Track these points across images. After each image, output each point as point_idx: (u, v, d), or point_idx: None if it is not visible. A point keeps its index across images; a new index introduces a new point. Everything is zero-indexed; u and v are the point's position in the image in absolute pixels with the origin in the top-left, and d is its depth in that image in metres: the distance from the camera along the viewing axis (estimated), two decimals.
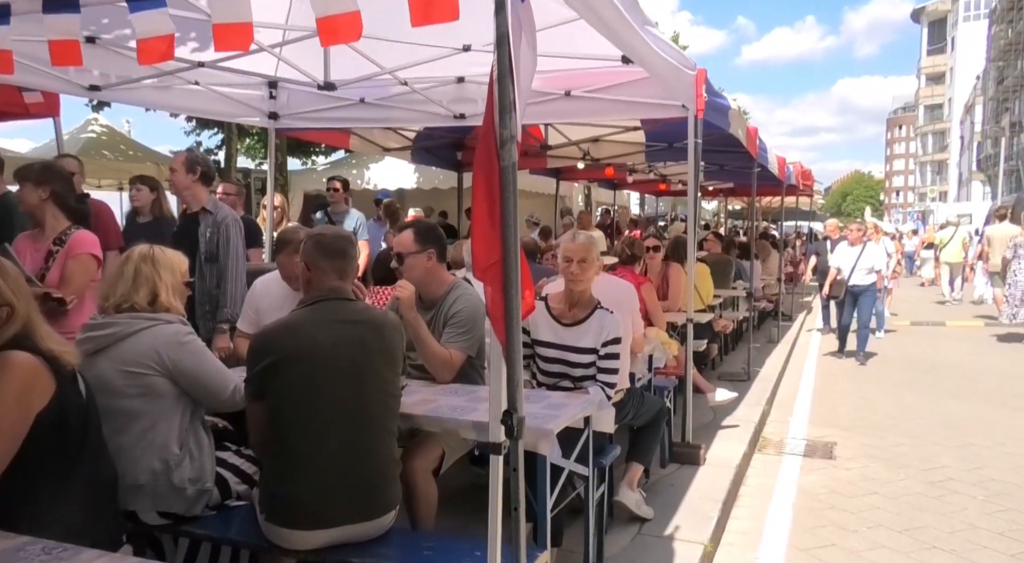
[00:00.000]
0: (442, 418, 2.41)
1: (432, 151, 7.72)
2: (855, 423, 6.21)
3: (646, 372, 4.33)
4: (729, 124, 5.37)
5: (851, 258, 8.74)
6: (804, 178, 12.46)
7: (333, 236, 2.49)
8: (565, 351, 3.12)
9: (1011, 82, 41.83)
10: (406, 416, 2.44)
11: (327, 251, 2.40)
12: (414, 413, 2.46)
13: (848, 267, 8.71)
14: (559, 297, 3.18)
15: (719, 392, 5.41)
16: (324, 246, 2.42)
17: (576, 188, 17.31)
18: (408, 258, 3.01)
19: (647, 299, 5.09)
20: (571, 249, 3.12)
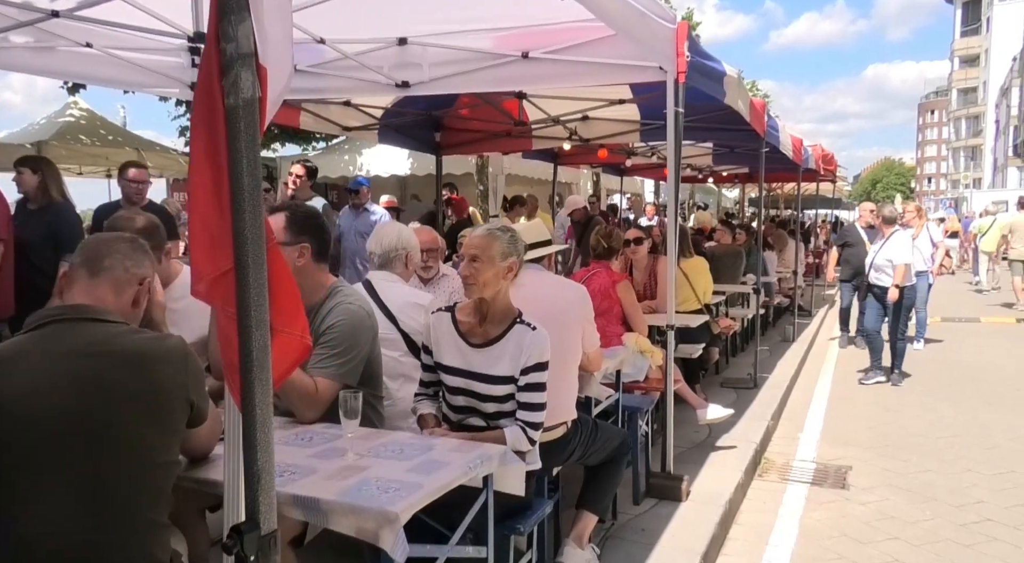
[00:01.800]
0: None
1: (403, 131, 6.95)
2: (875, 441, 5.39)
3: (606, 394, 3.55)
4: (724, 93, 4.55)
5: (873, 251, 7.24)
6: (825, 162, 11.50)
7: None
8: (472, 380, 2.38)
9: None
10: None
11: (84, 247, 1.68)
12: None
13: (868, 262, 7.22)
14: (469, 309, 2.43)
15: (712, 409, 4.62)
16: (87, 241, 1.71)
17: (584, 175, 16.48)
18: None
19: (624, 300, 4.33)
20: (464, 243, 2.37)
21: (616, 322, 4.36)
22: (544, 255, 2.91)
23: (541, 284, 2.85)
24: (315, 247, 2.35)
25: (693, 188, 23.74)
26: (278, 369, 1.12)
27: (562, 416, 2.71)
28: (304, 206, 2.48)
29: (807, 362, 8.30)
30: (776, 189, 20.80)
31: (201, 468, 1.76)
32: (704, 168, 11.73)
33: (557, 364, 2.71)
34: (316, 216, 2.45)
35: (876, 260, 7.03)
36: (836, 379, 7.47)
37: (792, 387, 6.87)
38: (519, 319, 2.40)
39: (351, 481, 1.68)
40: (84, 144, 11.50)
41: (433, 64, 4.19)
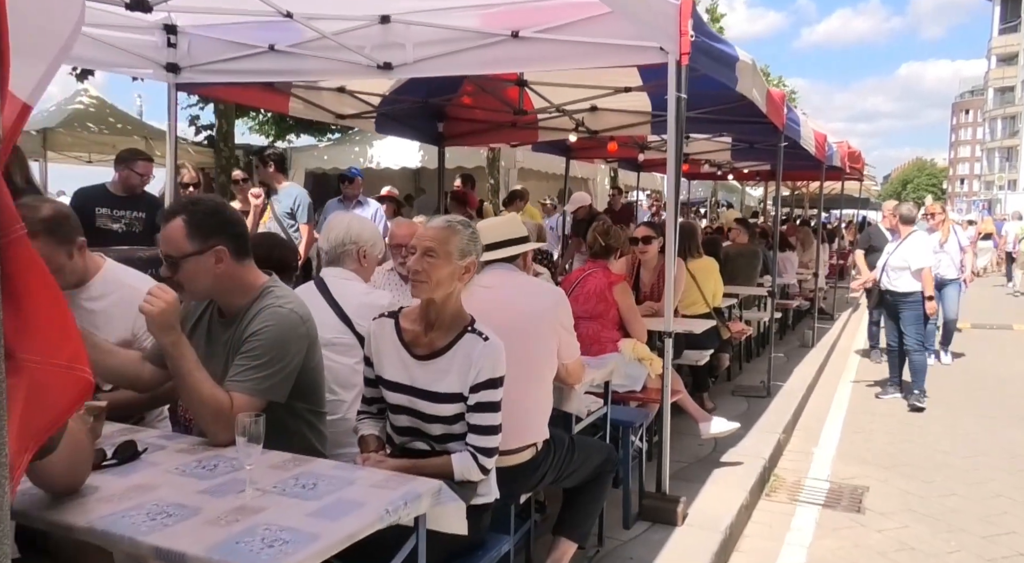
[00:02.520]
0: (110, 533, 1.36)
1: (403, 120, 6.65)
2: (896, 459, 4.99)
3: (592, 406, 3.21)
4: (736, 80, 4.18)
5: (887, 253, 6.45)
6: (852, 160, 11.01)
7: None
8: (416, 397, 2.06)
9: None
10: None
11: None
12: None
13: (880, 265, 6.43)
14: (414, 314, 2.11)
15: (716, 422, 4.27)
16: None
17: (602, 171, 16.08)
18: (184, 264, 1.95)
19: (621, 303, 3.99)
20: (416, 233, 2.05)
21: (612, 327, 4.03)
22: (517, 254, 2.59)
23: (511, 286, 2.52)
24: (232, 245, 1.99)
25: (716, 186, 23.19)
26: (37, 415, 0.82)
27: (530, 437, 2.39)
28: (205, 200, 2.08)
29: (826, 369, 7.88)
30: (801, 187, 20.23)
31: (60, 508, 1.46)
32: (724, 164, 11.30)
33: (526, 377, 2.40)
34: (221, 209, 2.06)
35: (891, 261, 6.27)
36: (856, 389, 7.06)
37: (808, 397, 6.47)
38: (470, 327, 2.07)
39: (235, 529, 1.37)
40: (92, 132, 11.35)
41: (418, 44, 3.88)
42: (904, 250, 6.19)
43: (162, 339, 1.84)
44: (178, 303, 1.86)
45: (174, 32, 4.33)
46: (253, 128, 18.64)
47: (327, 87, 5.67)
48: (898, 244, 6.30)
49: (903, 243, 6.26)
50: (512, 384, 2.32)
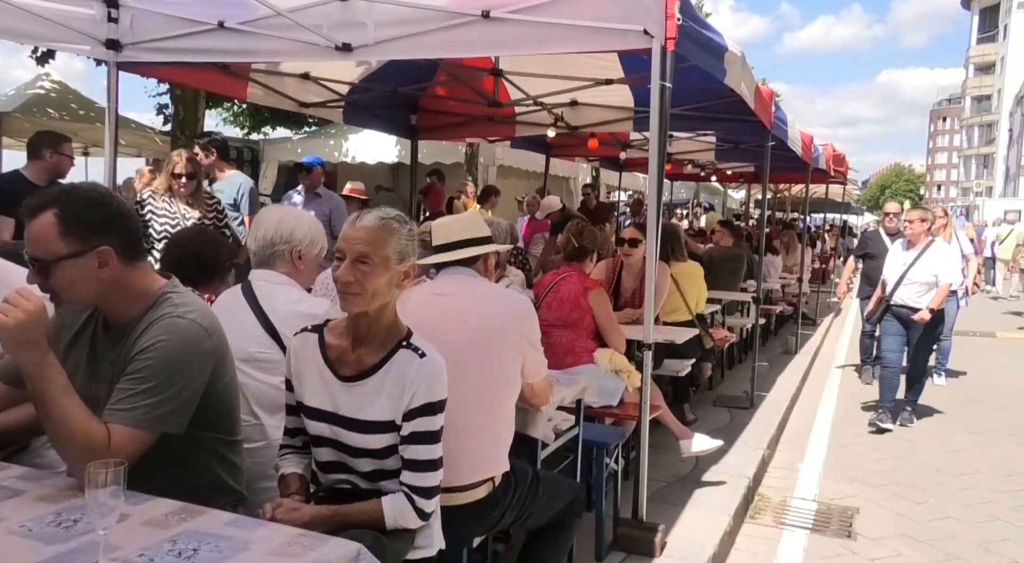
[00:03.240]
0: None
1: (374, 111, 6.29)
2: (886, 476, 4.72)
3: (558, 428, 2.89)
4: (725, 71, 3.89)
5: (900, 263, 5.61)
6: (836, 163, 10.81)
7: None
8: (340, 426, 1.73)
9: None
10: None
11: None
12: None
13: (893, 277, 5.63)
14: (341, 327, 1.78)
15: (697, 440, 3.96)
16: None
17: (584, 169, 15.78)
18: (58, 269, 1.58)
19: (597, 310, 3.67)
20: (343, 235, 1.70)
21: (587, 336, 3.71)
22: (477, 256, 2.25)
23: (469, 294, 2.19)
24: (120, 244, 1.63)
25: (698, 187, 23.01)
26: None
27: (487, 469, 2.06)
28: (83, 190, 1.66)
29: (810, 376, 7.64)
30: (783, 190, 20.11)
31: None
32: (707, 165, 11.05)
33: (484, 400, 2.07)
34: (104, 200, 1.66)
35: (911, 275, 5.50)
36: (841, 398, 6.81)
37: (792, 407, 6.21)
38: (405, 342, 1.74)
39: None
40: (52, 118, 10.83)
41: (380, 24, 3.52)
42: (930, 262, 5.45)
43: (21, 358, 1.48)
44: (44, 313, 1.50)
45: (115, 5, 3.94)
46: (227, 119, 18.13)
47: (290, 73, 5.31)
48: (918, 254, 5.50)
49: (927, 253, 5.48)
50: (467, 408, 2.00)
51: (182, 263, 2.43)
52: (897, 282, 5.59)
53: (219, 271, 2.50)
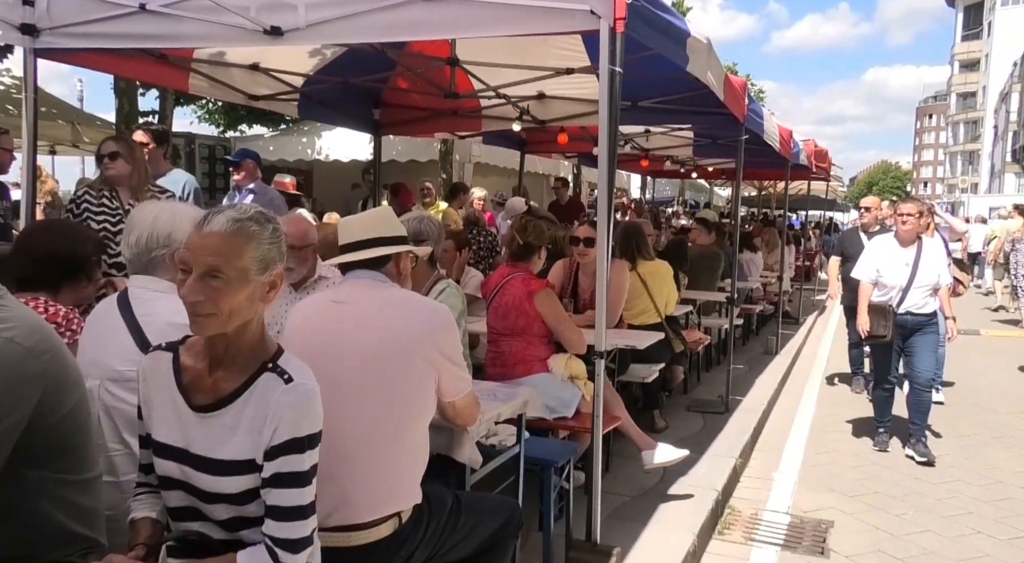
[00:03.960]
0: None
1: (332, 105, 5.99)
2: (863, 485, 4.50)
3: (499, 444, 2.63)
4: (687, 58, 3.64)
5: (902, 265, 4.83)
6: (818, 159, 10.61)
7: None
8: (191, 466, 1.47)
9: None
10: None
11: None
12: None
13: (899, 282, 4.83)
14: (199, 346, 1.53)
15: (661, 450, 3.71)
16: None
17: (565, 167, 15.53)
18: None
19: (546, 313, 3.42)
20: (187, 246, 1.41)
21: (539, 343, 3.46)
22: (386, 258, 1.98)
23: (373, 302, 1.92)
24: None
25: (683, 185, 22.80)
26: None
27: (392, 504, 1.80)
28: None
29: (790, 379, 7.43)
30: (768, 187, 19.95)
31: None
32: (687, 161, 10.82)
33: (387, 426, 1.81)
34: None
35: (921, 276, 4.79)
36: (821, 401, 6.58)
37: (769, 412, 5.98)
38: (271, 363, 1.47)
39: None
40: (12, 115, 10.46)
41: (311, 5, 3.25)
42: (932, 261, 4.85)
43: None
44: None
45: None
46: (202, 117, 17.74)
47: (237, 63, 5.01)
48: (918, 253, 4.84)
49: (926, 251, 4.86)
50: (369, 435, 1.74)
51: (38, 265, 2.15)
52: (906, 287, 4.81)
53: (84, 269, 2.20)
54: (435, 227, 2.98)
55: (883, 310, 4.84)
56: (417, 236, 2.96)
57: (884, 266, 4.92)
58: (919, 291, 4.83)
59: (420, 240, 2.97)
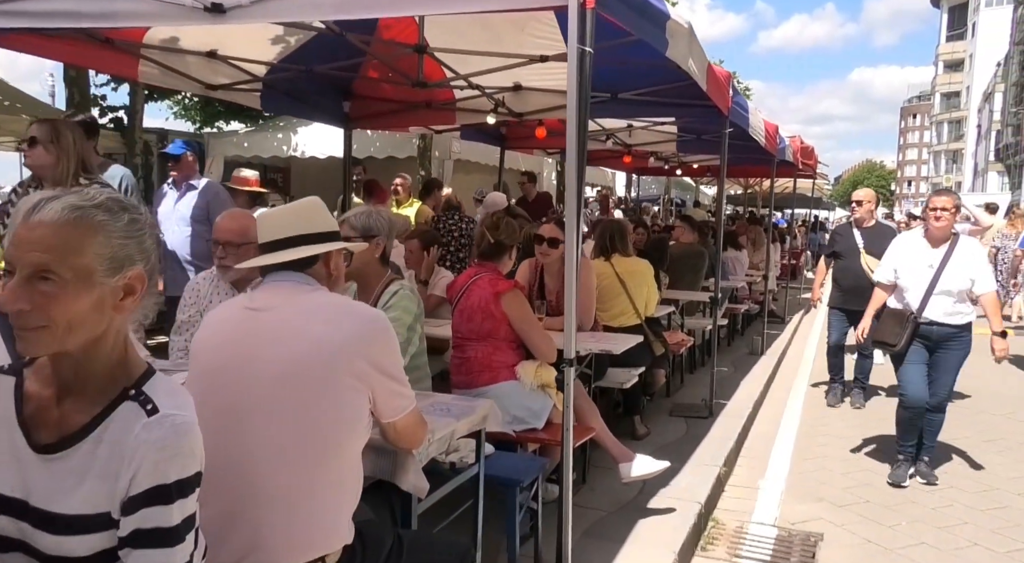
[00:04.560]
0: None
1: (298, 96, 5.70)
2: (854, 493, 4.28)
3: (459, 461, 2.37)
4: (666, 43, 3.40)
5: (924, 266, 4.22)
6: (805, 156, 10.43)
7: None
8: (29, 522, 1.15)
9: None
10: None
11: None
12: None
13: (917, 285, 4.23)
14: (45, 371, 1.20)
15: (639, 462, 3.46)
16: None
17: (549, 164, 15.28)
18: None
19: (513, 316, 3.18)
20: (15, 240, 1.10)
21: (506, 348, 3.21)
22: (312, 258, 1.72)
23: (294, 308, 1.66)
24: None
25: (669, 183, 22.61)
26: None
27: (314, 545, 1.54)
28: None
29: (776, 380, 7.23)
30: (754, 185, 19.83)
31: None
32: (671, 158, 10.60)
33: (308, 453, 1.56)
34: None
35: (943, 281, 4.15)
36: (807, 404, 6.38)
37: (755, 416, 5.76)
38: (133, 390, 1.19)
39: None
40: None
41: None
42: (964, 263, 4.15)
43: None
44: None
45: None
46: (177, 113, 17.32)
47: (192, 50, 4.72)
48: (947, 252, 4.18)
49: (958, 251, 4.18)
50: (283, 465, 1.48)
51: None
52: (928, 292, 4.18)
53: None
54: (384, 221, 2.73)
55: (900, 316, 4.27)
56: (365, 232, 2.71)
57: (904, 266, 4.34)
58: (944, 298, 4.17)
59: (369, 236, 2.71)
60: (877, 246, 5.33)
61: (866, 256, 5.65)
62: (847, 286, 5.90)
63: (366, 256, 2.73)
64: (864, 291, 5.24)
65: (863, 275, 5.56)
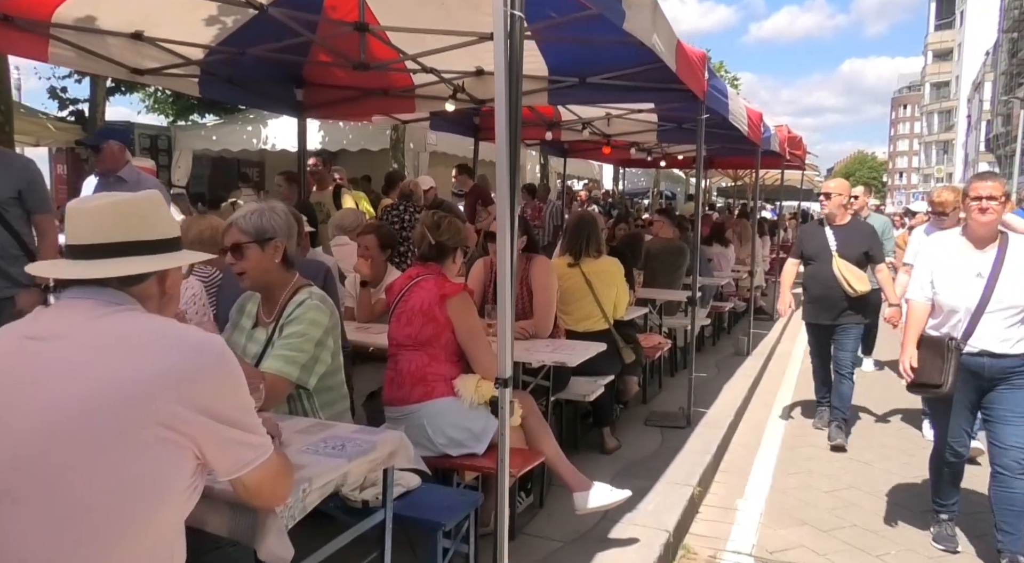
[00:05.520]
0: None
1: (243, 83, 5.26)
2: (840, 516, 3.90)
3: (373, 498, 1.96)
4: (623, 15, 3.01)
5: (971, 276, 3.15)
6: (792, 146, 10.05)
7: None
8: None
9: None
10: None
11: None
12: None
13: (965, 302, 3.16)
14: None
15: (597, 491, 3.06)
16: None
17: (532, 157, 14.85)
18: None
19: (459, 322, 2.81)
20: None
21: (445, 358, 2.81)
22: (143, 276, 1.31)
23: (94, 337, 1.25)
24: None
25: (658, 176, 22.19)
26: None
27: None
28: None
29: (762, 381, 6.87)
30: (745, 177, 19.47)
31: None
32: (653, 149, 10.21)
33: (93, 534, 1.14)
34: None
35: (997, 295, 3.09)
36: (794, 409, 6.00)
37: (737, 424, 5.39)
38: None
39: None
40: None
41: None
42: (1020, 269, 3.09)
43: None
44: None
45: None
46: (150, 106, 16.79)
47: (113, 31, 4.29)
48: (998, 258, 3.11)
49: (1016, 257, 3.11)
50: (51, 557, 1.07)
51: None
52: (977, 310, 3.11)
53: None
54: (281, 219, 2.33)
55: (938, 346, 3.17)
56: (259, 234, 2.32)
57: (943, 277, 3.24)
58: (1000, 317, 3.08)
59: (264, 239, 2.31)
60: (852, 248, 4.76)
61: (839, 260, 4.72)
62: (817, 295, 4.93)
63: (264, 262, 2.33)
64: (835, 302, 4.76)
65: (834, 284, 4.72)
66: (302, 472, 1.63)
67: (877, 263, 4.86)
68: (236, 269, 2.33)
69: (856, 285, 4.68)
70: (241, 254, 2.30)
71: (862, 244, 4.82)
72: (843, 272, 4.70)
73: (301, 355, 2.25)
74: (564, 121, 7.61)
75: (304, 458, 1.72)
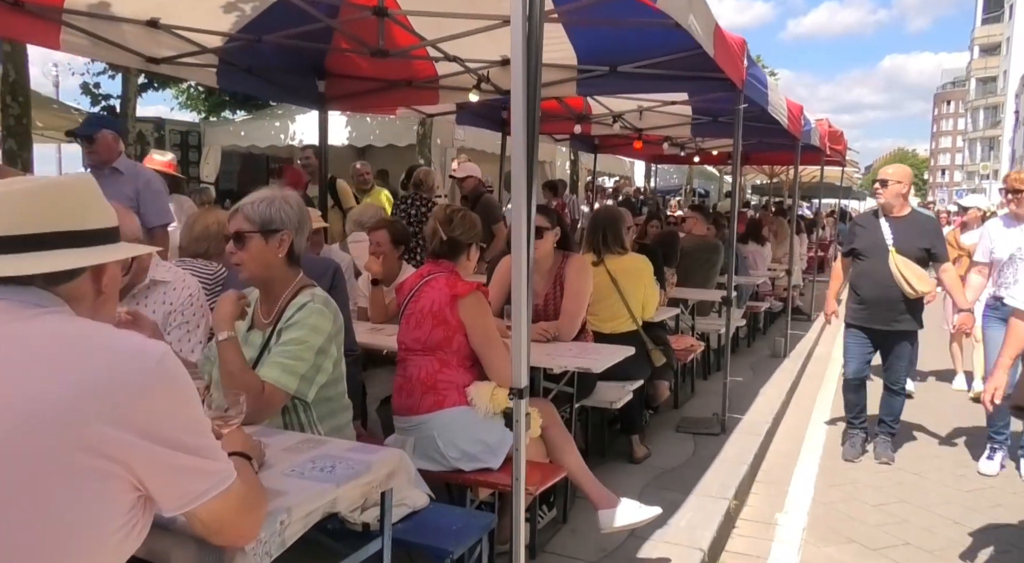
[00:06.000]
0: None
1: (263, 74, 5.13)
2: (890, 532, 3.61)
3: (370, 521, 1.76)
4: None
5: None
6: (833, 141, 9.66)
7: None
8: None
9: None
10: None
11: None
12: None
13: None
14: None
15: (624, 509, 2.82)
16: None
17: (563, 153, 14.59)
18: None
19: (471, 325, 2.58)
20: None
21: (458, 364, 2.60)
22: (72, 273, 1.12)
23: (11, 345, 1.06)
24: None
25: (691, 172, 21.74)
26: None
27: None
28: None
29: (800, 385, 6.54)
30: (781, 174, 18.94)
31: None
32: (686, 144, 9.88)
33: None
34: None
35: None
36: (835, 415, 5.68)
37: (775, 431, 5.10)
38: None
39: None
40: None
41: None
42: None
43: None
44: None
45: None
46: (183, 103, 16.91)
47: (129, 18, 4.16)
48: None
49: None
50: None
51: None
52: None
53: None
54: (292, 210, 2.13)
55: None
56: (265, 225, 2.13)
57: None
58: None
59: (270, 230, 2.13)
60: (912, 243, 4.26)
61: (896, 256, 4.23)
62: (869, 297, 4.38)
63: (266, 255, 2.14)
64: (892, 304, 4.23)
65: (890, 283, 4.22)
66: (280, 500, 1.42)
67: (941, 262, 4.32)
68: (234, 259, 2.15)
69: (917, 285, 4.17)
70: (242, 243, 2.12)
71: (923, 239, 4.27)
72: (902, 270, 4.17)
73: (300, 364, 2.05)
74: (594, 114, 7.34)
75: (286, 483, 1.51)
